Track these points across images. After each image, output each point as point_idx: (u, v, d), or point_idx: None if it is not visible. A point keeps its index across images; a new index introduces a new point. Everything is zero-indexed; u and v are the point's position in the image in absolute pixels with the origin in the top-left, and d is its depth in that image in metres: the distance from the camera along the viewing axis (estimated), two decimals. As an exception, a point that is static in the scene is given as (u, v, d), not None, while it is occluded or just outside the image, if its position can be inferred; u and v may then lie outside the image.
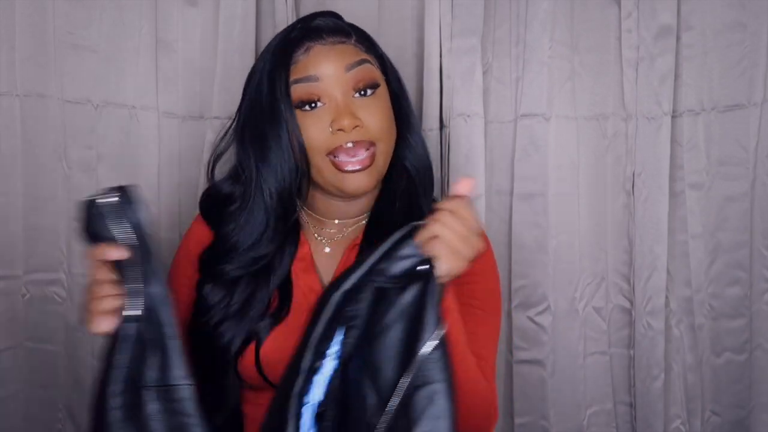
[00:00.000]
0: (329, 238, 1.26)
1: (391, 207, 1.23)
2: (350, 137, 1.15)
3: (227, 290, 1.19)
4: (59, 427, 1.69)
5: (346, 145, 1.15)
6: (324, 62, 1.17)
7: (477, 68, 1.64)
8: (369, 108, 1.18)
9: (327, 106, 1.16)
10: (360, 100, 1.17)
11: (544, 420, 1.70)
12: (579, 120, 1.69)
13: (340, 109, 1.15)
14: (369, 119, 1.17)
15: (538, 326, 1.68)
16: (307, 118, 1.16)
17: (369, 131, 1.17)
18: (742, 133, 1.65)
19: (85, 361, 1.68)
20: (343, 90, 1.17)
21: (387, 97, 1.22)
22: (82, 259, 1.69)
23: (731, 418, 1.70)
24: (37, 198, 1.64)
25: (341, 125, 1.14)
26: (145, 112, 1.69)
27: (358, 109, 1.17)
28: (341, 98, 1.16)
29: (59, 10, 1.63)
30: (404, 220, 1.13)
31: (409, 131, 1.26)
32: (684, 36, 1.65)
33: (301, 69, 1.17)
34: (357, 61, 1.19)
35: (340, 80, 1.17)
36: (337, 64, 1.17)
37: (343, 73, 1.17)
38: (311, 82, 1.16)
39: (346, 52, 1.19)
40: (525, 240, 1.68)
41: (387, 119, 1.20)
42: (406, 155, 1.25)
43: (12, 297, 1.62)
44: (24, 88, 1.61)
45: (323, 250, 1.26)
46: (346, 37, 1.21)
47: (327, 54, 1.18)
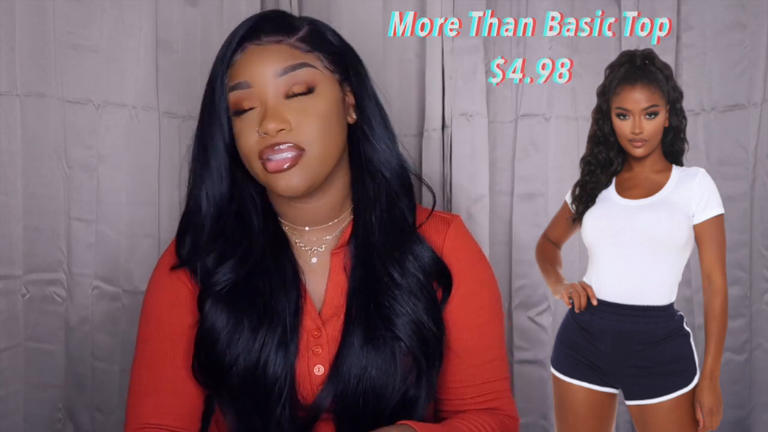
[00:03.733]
0: (311, 247, 1.23)
1: (369, 213, 1.20)
2: (276, 140, 1.12)
3: (230, 312, 1.16)
4: (59, 426, 1.69)
5: (274, 148, 1.12)
6: (256, 65, 1.11)
7: (479, 68, 1.65)
8: (301, 110, 1.12)
9: (258, 110, 1.14)
10: (293, 102, 1.14)
11: (544, 420, 1.70)
12: (579, 120, 1.70)
13: (267, 112, 1.13)
14: (299, 120, 1.11)
15: (538, 326, 1.69)
16: (241, 123, 1.14)
17: (297, 134, 1.12)
18: (741, 133, 1.65)
19: (85, 361, 1.68)
20: (274, 94, 1.13)
21: (328, 102, 1.14)
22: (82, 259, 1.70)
23: (731, 418, 1.70)
24: (37, 198, 1.64)
25: (266, 129, 1.11)
26: (145, 112, 1.69)
27: (289, 112, 1.12)
28: (270, 101, 1.13)
29: (59, 10, 1.63)
30: (388, 225, 1.12)
31: (371, 132, 1.18)
32: (684, 36, 1.65)
33: (236, 73, 1.13)
34: (291, 66, 1.12)
35: (270, 85, 1.12)
36: (269, 68, 1.12)
37: (273, 78, 1.12)
38: (243, 89, 1.13)
39: (281, 54, 1.13)
40: (525, 240, 1.68)
41: (321, 123, 1.12)
42: (372, 156, 1.21)
43: (12, 297, 1.62)
44: (24, 88, 1.61)
45: (311, 260, 1.23)
46: (285, 35, 1.14)
47: (260, 56, 1.12)
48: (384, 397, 1.10)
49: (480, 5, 1.65)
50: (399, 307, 1.11)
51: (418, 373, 1.11)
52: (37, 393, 1.65)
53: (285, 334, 1.11)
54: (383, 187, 1.17)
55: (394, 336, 1.10)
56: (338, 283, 1.16)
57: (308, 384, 1.12)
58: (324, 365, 1.12)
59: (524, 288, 1.69)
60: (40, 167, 1.64)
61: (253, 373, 1.10)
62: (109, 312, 1.70)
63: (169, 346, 1.15)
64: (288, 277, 1.16)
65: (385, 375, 1.10)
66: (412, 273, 1.14)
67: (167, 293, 1.18)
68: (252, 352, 1.11)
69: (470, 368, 1.15)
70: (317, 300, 1.17)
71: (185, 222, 1.19)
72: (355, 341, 1.10)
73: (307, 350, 1.13)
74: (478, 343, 1.15)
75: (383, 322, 1.10)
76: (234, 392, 1.12)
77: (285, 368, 1.10)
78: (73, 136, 1.66)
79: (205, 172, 1.17)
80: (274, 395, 1.10)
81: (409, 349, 1.10)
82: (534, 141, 1.67)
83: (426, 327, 1.12)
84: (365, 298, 1.12)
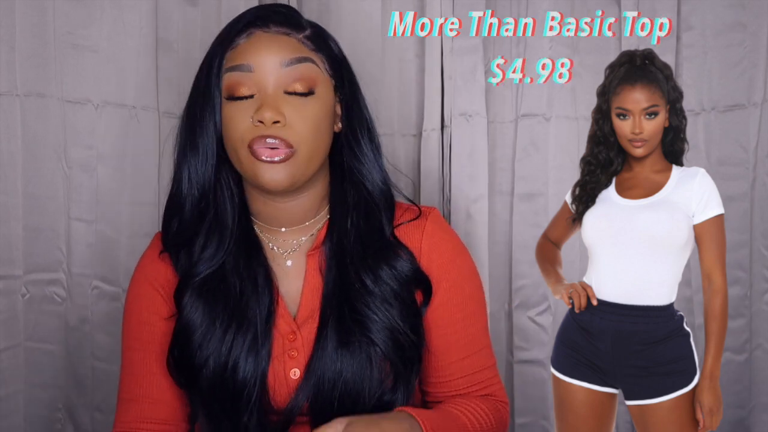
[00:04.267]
0: (286, 250, 1.22)
1: (345, 217, 1.19)
2: (270, 131, 1.10)
3: (205, 308, 1.16)
4: (59, 426, 1.69)
5: (266, 141, 1.11)
6: (262, 51, 1.09)
7: (479, 68, 1.65)
8: (298, 109, 1.11)
9: (254, 99, 1.13)
10: (292, 98, 1.13)
11: (544, 420, 1.70)
12: (579, 120, 1.70)
13: (265, 101, 1.11)
14: (294, 119, 1.10)
15: (538, 326, 1.69)
16: (233, 109, 1.13)
17: (290, 131, 1.10)
18: (741, 133, 1.65)
19: (85, 361, 1.68)
20: (275, 84, 1.11)
21: (324, 106, 1.13)
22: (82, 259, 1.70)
23: (731, 418, 1.70)
24: (37, 198, 1.64)
25: (262, 117, 1.09)
26: (145, 112, 1.69)
27: (286, 107, 1.12)
28: (271, 91, 1.12)
29: (59, 10, 1.63)
30: (364, 233, 1.12)
31: (356, 144, 1.17)
32: (684, 36, 1.66)
33: (238, 55, 1.11)
34: (297, 58, 1.11)
35: (273, 74, 1.10)
36: (275, 56, 1.10)
37: (279, 67, 1.10)
38: (243, 71, 1.10)
39: (289, 45, 1.11)
40: (525, 240, 1.68)
41: (313, 126, 1.11)
42: (355, 166, 1.20)
43: (12, 297, 1.62)
44: (24, 88, 1.61)
45: (285, 263, 1.22)
46: (294, 29, 1.12)
47: (267, 43, 1.10)
48: (360, 401, 1.09)
49: (480, 5, 1.65)
50: (372, 314, 1.10)
51: (395, 378, 1.11)
52: (37, 393, 1.65)
53: (256, 340, 1.10)
54: (363, 196, 1.17)
55: (370, 341, 1.10)
56: (314, 286, 1.15)
57: (285, 388, 1.11)
58: (300, 369, 1.12)
59: (524, 288, 1.69)
60: (40, 167, 1.64)
61: (221, 376, 1.10)
62: (109, 312, 1.70)
63: (145, 354, 1.16)
64: (260, 282, 1.15)
65: (361, 379, 1.09)
66: (385, 282, 1.12)
67: (143, 300, 1.18)
68: (221, 355, 1.11)
69: (459, 361, 1.15)
70: (292, 303, 1.16)
71: (169, 207, 1.18)
72: (329, 345, 1.10)
73: (282, 354, 1.12)
74: (465, 336, 1.14)
75: (358, 326, 1.10)
76: (204, 394, 1.12)
77: (255, 374, 1.09)
78: (73, 136, 1.66)
79: (190, 153, 1.15)
80: (242, 400, 1.10)
81: (384, 355, 1.09)
82: (534, 141, 1.68)
83: (401, 332, 1.11)
84: (339, 303, 1.12)
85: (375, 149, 1.18)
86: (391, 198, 1.19)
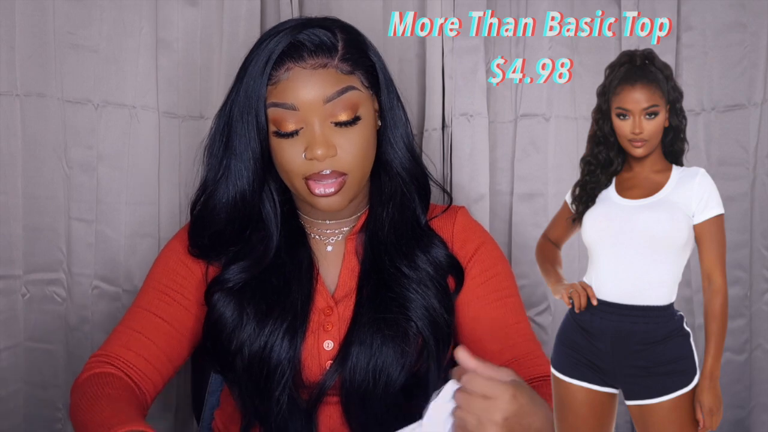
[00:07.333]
0: (328, 238, 1.27)
1: (381, 209, 1.25)
2: (323, 166, 1.14)
3: (239, 303, 1.19)
4: (59, 426, 1.69)
5: (321, 173, 1.15)
6: (302, 90, 1.13)
7: (480, 67, 1.65)
8: (346, 136, 1.15)
9: (303, 131, 1.15)
10: (338, 128, 1.16)
11: (544, 420, 1.70)
12: (579, 120, 1.70)
13: (315, 138, 1.14)
14: (345, 147, 1.15)
15: (538, 326, 1.69)
16: (283, 143, 1.16)
17: (342, 161, 1.15)
18: (742, 134, 1.65)
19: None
20: (321, 119, 1.15)
21: (369, 125, 1.18)
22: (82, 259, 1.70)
23: (731, 418, 1.70)
24: (37, 198, 1.64)
25: (314, 155, 1.13)
26: (145, 112, 1.69)
27: (334, 136, 1.15)
28: (318, 126, 1.15)
29: (59, 10, 1.63)
30: (398, 223, 1.15)
31: (393, 138, 1.24)
32: (684, 36, 1.65)
33: (281, 93, 1.15)
34: (338, 91, 1.14)
35: (317, 111, 1.14)
36: (316, 93, 1.14)
37: (321, 104, 1.14)
38: (288, 110, 1.14)
39: (328, 79, 1.15)
40: (525, 240, 1.68)
41: (363, 150, 1.17)
42: (391, 159, 1.25)
43: (12, 297, 1.62)
44: (24, 88, 1.61)
45: (326, 249, 1.26)
46: (329, 56, 1.16)
47: (306, 81, 1.14)
48: (392, 378, 1.13)
49: (480, 5, 1.65)
50: (409, 294, 1.16)
51: (428, 356, 1.15)
52: (37, 393, 1.65)
53: (294, 321, 1.15)
54: (399, 187, 1.23)
55: (407, 318, 1.14)
56: (351, 268, 1.22)
57: (317, 360, 1.15)
58: (334, 341, 1.15)
59: (524, 288, 1.69)
60: (40, 167, 1.64)
61: (259, 358, 1.14)
62: (109, 312, 1.70)
63: (159, 296, 1.22)
64: (304, 267, 1.20)
65: (394, 354, 1.13)
66: (421, 267, 1.19)
67: (179, 255, 1.25)
68: (258, 340, 1.15)
69: (502, 338, 1.21)
70: (331, 283, 1.23)
71: (201, 218, 1.22)
72: (366, 321, 1.14)
73: (318, 327, 1.16)
74: (504, 312, 1.21)
75: (395, 304, 1.15)
76: (238, 375, 1.15)
77: (289, 353, 1.14)
78: (73, 136, 1.66)
79: (231, 160, 1.20)
80: (275, 378, 1.13)
81: (419, 331, 1.13)
82: (534, 141, 1.67)
83: (437, 312, 1.17)
84: (377, 284, 1.17)
85: (409, 136, 1.24)
86: (427, 187, 1.26)
